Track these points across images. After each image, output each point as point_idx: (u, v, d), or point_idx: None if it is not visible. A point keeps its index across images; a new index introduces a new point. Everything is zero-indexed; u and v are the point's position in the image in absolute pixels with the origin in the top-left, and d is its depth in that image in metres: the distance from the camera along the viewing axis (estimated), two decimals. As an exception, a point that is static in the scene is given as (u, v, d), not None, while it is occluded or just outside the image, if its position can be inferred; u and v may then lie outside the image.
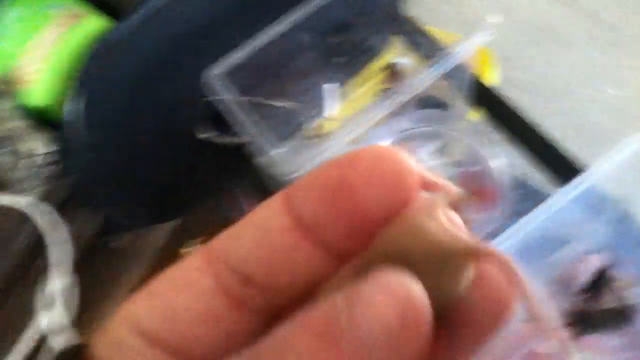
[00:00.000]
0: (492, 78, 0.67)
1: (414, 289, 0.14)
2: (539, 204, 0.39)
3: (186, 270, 0.17)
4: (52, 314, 0.60)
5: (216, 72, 0.52)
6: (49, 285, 0.60)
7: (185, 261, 0.18)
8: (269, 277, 0.17)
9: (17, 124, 0.59)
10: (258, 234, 0.17)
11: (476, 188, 0.46)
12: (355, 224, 0.15)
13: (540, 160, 0.49)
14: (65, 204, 0.63)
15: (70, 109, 0.57)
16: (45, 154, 0.60)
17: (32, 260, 0.62)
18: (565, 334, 0.44)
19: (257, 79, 0.55)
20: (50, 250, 0.60)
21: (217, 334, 0.17)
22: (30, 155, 0.59)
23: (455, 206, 0.16)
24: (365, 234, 0.16)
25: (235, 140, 0.58)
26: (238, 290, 0.17)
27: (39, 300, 0.60)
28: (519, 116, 0.51)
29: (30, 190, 0.59)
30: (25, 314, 0.62)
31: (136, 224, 0.63)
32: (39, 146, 0.59)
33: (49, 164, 0.61)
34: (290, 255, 0.16)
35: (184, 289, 0.17)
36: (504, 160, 0.40)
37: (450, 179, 0.53)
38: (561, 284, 0.46)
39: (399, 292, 0.14)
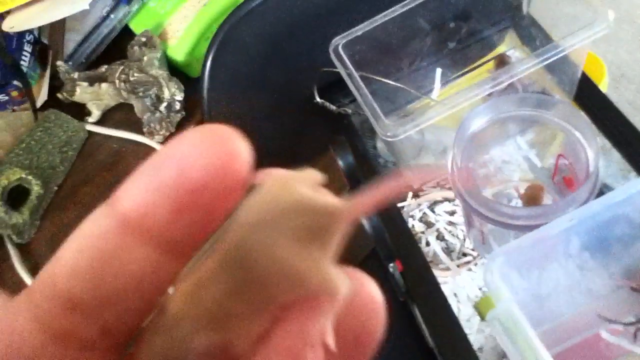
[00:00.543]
0: (601, 84, 0.67)
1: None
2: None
3: None
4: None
5: (337, 44, 0.57)
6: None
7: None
8: (100, 296, 0.14)
9: (161, 72, 0.68)
10: (78, 247, 0.14)
11: (569, 176, 0.48)
12: (184, 209, 0.14)
13: (635, 159, 0.50)
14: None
15: (204, 67, 0.65)
16: (180, 101, 0.68)
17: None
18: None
19: (373, 54, 0.59)
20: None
21: None
22: (170, 100, 0.68)
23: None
24: (198, 219, 0.14)
25: (344, 109, 0.63)
26: (61, 321, 0.14)
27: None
28: (622, 119, 0.52)
29: (163, 132, 0.68)
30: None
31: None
32: (176, 94, 0.68)
33: (181, 110, 0.69)
34: (121, 262, 0.14)
35: None
36: (595, 150, 0.42)
37: (547, 166, 0.55)
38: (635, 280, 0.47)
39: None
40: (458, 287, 0.64)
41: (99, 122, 0.73)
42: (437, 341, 0.45)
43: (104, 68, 0.71)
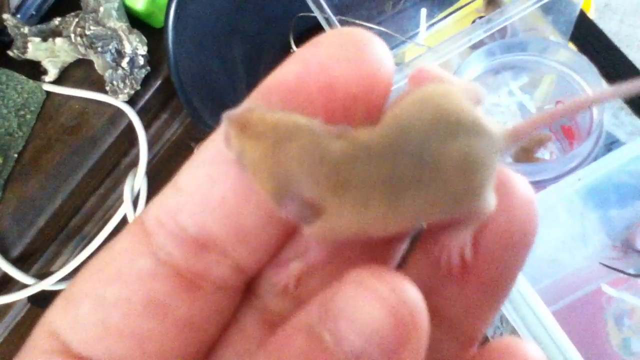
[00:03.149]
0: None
1: (407, 290, 0.12)
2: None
3: (115, 255, 0.14)
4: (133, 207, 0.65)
5: (313, -12, 0.52)
6: (135, 180, 0.64)
7: (114, 244, 0.14)
8: (238, 231, 0.14)
9: (120, 24, 0.62)
10: (208, 180, 0.13)
11: (568, 124, 0.45)
12: (333, 122, 0.13)
13: (636, 102, 0.47)
14: (153, 106, 0.67)
15: (167, 16, 0.59)
16: (144, 55, 0.63)
17: (122, 156, 0.67)
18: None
19: (353, -2, 0.54)
20: (140, 147, 0.64)
21: (165, 328, 0.13)
22: (132, 55, 0.62)
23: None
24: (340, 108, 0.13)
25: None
26: (192, 262, 0.14)
27: (126, 192, 0.65)
28: (622, 58, 0.49)
29: (127, 90, 0.63)
30: (112, 204, 0.67)
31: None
32: (139, 48, 0.62)
33: (145, 66, 0.64)
34: (257, 194, 0.13)
35: (112, 282, 0.13)
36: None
37: (543, 112, 0.52)
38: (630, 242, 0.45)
39: (389, 297, 0.11)
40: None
41: (57, 82, 0.67)
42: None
43: (57, 21, 0.64)
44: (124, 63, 0.62)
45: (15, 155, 0.63)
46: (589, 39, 0.49)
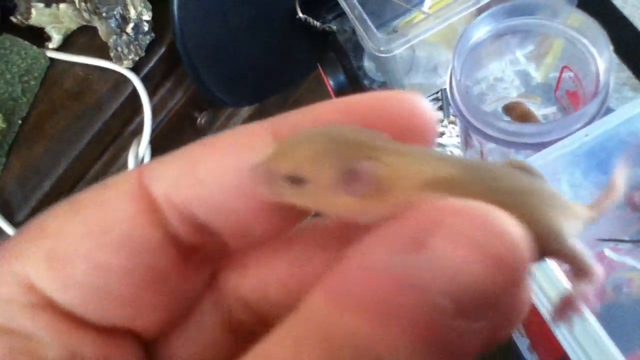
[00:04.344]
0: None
1: (509, 227, 0.11)
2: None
3: (116, 219, 0.14)
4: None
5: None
6: (139, 148, 0.65)
7: (108, 203, 0.14)
8: (243, 232, 0.15)
9: (125, -11, 0.61)
10: (235, 177, 0.14)
11: (574, 90, 0.45)
12: None
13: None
14: (158, 73, 0.66)
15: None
16: (148, 21, 0.62)
17: (126, 123, 0.67)
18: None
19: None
20: (144, 114, 0.64)
21: (165, 299, 0.14)
22: (137, 21, 0.62)
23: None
24: None
25: (328, 25, 0.58)
26: (192, 239, 0.14)
27: (130, 160, 0.65)
28: (626, 24, 0.49)
29: (131, 57, 0.63)
30: (116, 172, 0.68)
31: (226, 102, 0.65)
32: (143, 13, 0.62)
33: (149, 32, 0.63)
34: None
35: (115, 249, 0.14)
36: (607, 60, 0.39)
37: (549, 79, 0.52)
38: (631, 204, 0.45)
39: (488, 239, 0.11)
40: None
41: (60, 48, 0.66)
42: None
43: (61, -14, 0.64)
44: (129, 29, 0.61)
45: (19, 121, 0.63)
46: (595, 6, 0.49)
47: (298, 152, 0.14)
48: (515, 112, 0.52)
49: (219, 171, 0.14)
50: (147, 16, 0.62)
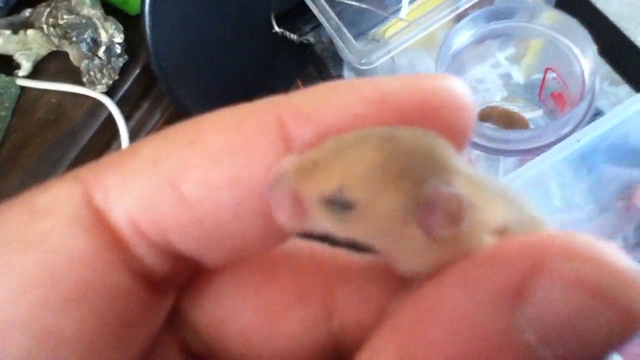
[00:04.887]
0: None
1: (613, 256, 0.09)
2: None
3: (70, 262, 0.10)
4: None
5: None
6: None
7: (52, 237, 0.10)
8: (218, 245, 0.11)
9: (94, 11, 0.60)
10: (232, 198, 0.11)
11: (559, 92, 0.44)
12: None
13: (625, 69, 0.47)
14: (133, 95, 0.65)
15: (143, 1, 0.57)
16: (120, 43, 0.61)
17: (104, 149, 0.65)
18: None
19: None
20: (122, 139, 0.62)
21: (129, 346, 0.11)
22: (108, 44, 0.60)
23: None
24: None
25: (305, 37, 0.57)
26: (161, 269, 0.12)
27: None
28: (607, 23, 0.48)
29: (105, 80, 0.61)
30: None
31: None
32: (115, 35, 0.60)
33: (122, 54, 0.62)
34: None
35: (75, 304, 0.10)
36: (592, 60, 0.38)
37: (533, 80, 0.51)
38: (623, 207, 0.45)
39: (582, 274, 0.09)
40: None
41: (31, 76, 0.64)
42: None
43: (27, 12, 0.62)
44: (101, 52, 0.60)
45: (-8, 153, 0.61)
46: (573, 5, 0.49)
47: (343, 164, 0.10)
48: (493, 116, 0.51)
49: (211, 185, 0.11)
50: (119, 38, 0.61)
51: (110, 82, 0.61)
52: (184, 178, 0.11)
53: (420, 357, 0.09)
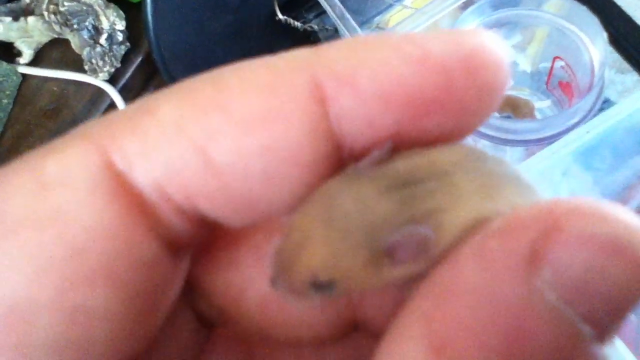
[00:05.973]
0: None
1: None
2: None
3: (95, 233, 0.10)
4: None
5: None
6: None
7: (69, 208, 0.10)
8: (244, 207, 0.11)
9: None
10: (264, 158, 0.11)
11: (567, 81, 0.44)
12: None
13: (633, 57, 0.46)
14: (135, 83, 0.64)
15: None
16: (122, 31, 0.60)
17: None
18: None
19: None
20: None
21: (154, 313, 0.11)
22: (110, 31, 0.59)
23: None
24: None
25: (309, 25, 0.57)
26: (186, 232, 0.11)
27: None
28: (616, 9, 0.48)
29: (107, 68, 0.60)
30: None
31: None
32: (117, 23, 0.60)
33: (124, 42, 0.61)
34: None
35: (101, 278, 0.10)
36: (601, 49, 0.38)
37: (540, 69, 0.51)
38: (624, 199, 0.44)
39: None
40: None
41: (32, 63, 0.64)
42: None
43: (28, -1, 0.61)
44: (102, 40, 0.59)
45: (-6, 142, 0.61)
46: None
47: (307, 253, 0.11)
48: (500, 105, 0.51)
49: (242, 152, 0.10)
50: (120, 26, 0.60)
51: (112, 70, 0.61)
52: (213, 146, 0.11)
53: (450, 337, 0.09)
